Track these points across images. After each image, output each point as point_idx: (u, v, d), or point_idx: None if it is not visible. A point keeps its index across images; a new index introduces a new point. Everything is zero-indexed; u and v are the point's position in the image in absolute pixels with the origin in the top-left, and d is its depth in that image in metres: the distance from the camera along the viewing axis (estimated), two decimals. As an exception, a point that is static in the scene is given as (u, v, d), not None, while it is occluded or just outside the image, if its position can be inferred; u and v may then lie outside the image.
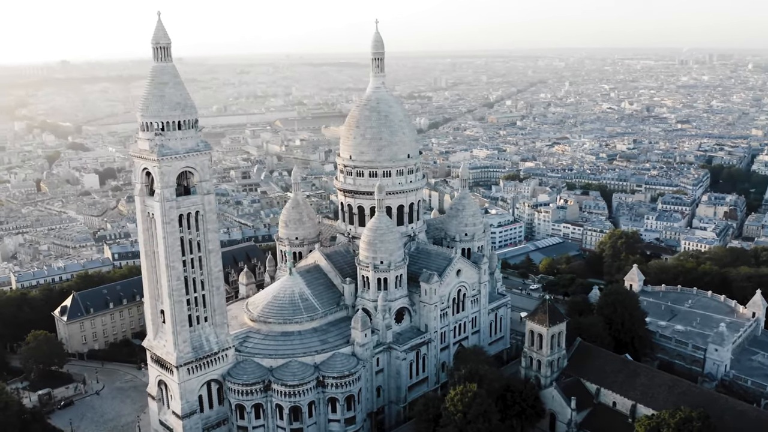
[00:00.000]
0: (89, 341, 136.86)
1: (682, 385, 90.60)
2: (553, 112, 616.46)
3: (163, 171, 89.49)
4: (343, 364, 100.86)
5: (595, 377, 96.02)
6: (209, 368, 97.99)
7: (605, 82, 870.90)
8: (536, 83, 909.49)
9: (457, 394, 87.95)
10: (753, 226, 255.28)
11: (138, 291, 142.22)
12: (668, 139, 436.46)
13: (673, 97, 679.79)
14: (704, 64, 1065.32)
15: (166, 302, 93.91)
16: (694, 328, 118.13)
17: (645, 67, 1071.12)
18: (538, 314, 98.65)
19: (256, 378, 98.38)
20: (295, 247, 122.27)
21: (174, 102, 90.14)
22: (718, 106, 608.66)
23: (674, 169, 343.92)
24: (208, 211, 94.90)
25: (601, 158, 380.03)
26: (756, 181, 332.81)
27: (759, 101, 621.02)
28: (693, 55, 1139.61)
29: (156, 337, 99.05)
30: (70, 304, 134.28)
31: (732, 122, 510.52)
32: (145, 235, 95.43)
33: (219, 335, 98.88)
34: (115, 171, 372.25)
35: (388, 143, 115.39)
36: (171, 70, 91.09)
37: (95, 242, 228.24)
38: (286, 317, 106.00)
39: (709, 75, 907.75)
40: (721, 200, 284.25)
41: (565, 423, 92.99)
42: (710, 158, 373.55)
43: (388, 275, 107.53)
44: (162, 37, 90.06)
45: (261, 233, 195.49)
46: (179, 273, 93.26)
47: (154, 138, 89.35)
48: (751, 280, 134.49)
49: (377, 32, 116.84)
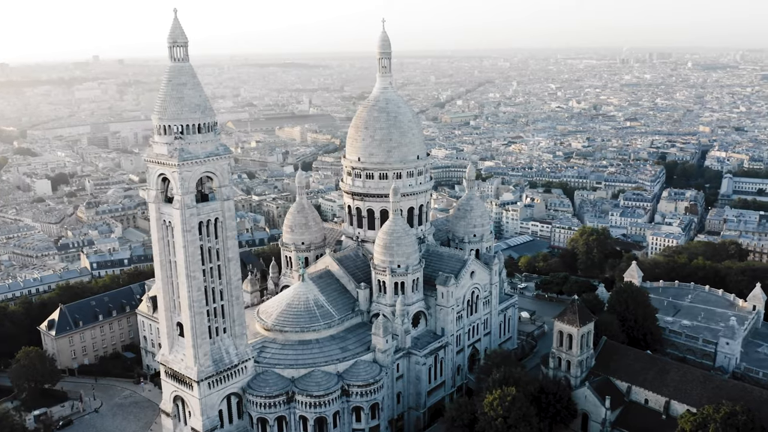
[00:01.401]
0: (78, 356, 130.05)
1: (714, 380, 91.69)
2: (504, 111, 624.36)
3: (183, 177, 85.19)
4: (367, 372, 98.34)
5: (625, 375, 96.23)
6: (229, 381, 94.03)
7: (551, 82, 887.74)
8: (484, 83, 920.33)
9: (496, 399, 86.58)
10: (715, 221, 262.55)
11: (127, 302, 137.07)
12: (619, 137, 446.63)
13: (619, 96, 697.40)
14: (645, 63, 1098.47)
15: (186, 314, 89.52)
16: (700, 323, 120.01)
17: (588, 66, 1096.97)
18: (568, 314, 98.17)
19: (279, 389, 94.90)
20: (301, 252, 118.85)
21: (194, 104, 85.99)
22: (663, 103, 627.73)
23: (631, 166, 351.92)
24: (228, 217, 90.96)
25: (558, 156, 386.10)
26: (709, 176, 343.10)
27: (702, 99, 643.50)
28: (633, 54, 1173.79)
29: (172, 350, 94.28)
30: (58, 318, 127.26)
31: (678, 119, 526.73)
32: (160, 245, 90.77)
33: (238, 347, 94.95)
34: (68, 176, 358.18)
35: (398, 144, 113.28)
36: (189, 70, 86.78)
37: (58, 251, 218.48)
38: (302, 325, 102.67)
39: (650, 73, 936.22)
40: (681, 195, 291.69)
41: (599, 422, 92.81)
42: (663, 155, 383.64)
43: (406, 279, 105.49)
44: (179, 35, 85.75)
45: (245, 238, 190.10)
46: (200, 283, 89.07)
47: (173, 142, 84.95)
48: (745, 274, 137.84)
49: (384, 31, 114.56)
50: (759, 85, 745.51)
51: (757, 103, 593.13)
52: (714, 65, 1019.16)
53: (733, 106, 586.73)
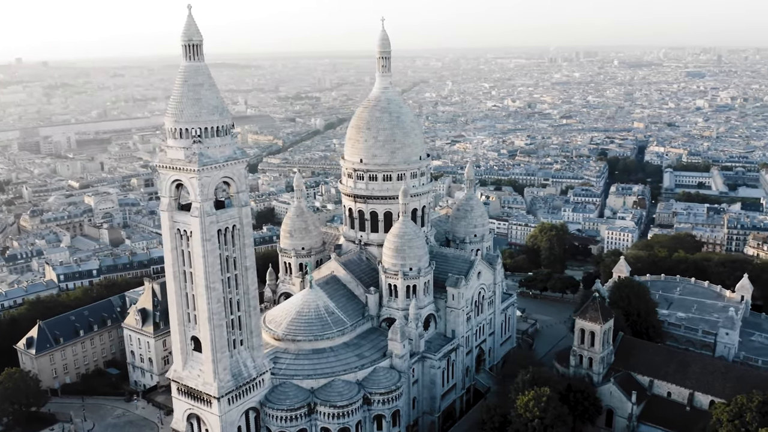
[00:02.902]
0: (60, 375, 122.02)
1: (735, 370, 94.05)
2: (443, 110, 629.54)
3: (203, 182, 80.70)
4: (388, 379, 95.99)
5: (646, 370, 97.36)
6: (248, 396, 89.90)
7: (484, 81, 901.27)
8: (419, 83, 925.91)
9: (531, 399, 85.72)
10: (664, 214, 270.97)
11: (108, 315, 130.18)
12: (558, 134, 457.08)
13: (551, 94, 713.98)
14: (572, 62, 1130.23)
15: (205, 327, 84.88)
16: (694, 315, 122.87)
17: (518, 65, 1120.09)
18: (590, 312, 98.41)
19: (300, 401, 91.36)
20: (301, 257, 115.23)
21: (212, 105, 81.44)
22: (595, 101, 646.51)
23: (575, 162, 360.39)
24: (246, 224, 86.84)
25: (502, 154, 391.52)
26: (650, 171, 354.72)
27: (631, 96, 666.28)
28: (560, 53, 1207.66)
29: (186, 366, 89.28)
30: (37, 335, 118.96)
31: (612, 116, 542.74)
32: (173, 255, 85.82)
33: (256, 359, 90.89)
34: (2, 184, 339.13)
35: (401, 145, 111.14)
36: (205, 70, 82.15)
37: (6, 262, 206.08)
38: (315, 333, 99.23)
39: (579, 72, 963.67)
40: (628, 190, 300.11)
41: (625, 417, 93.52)
42: (603, 151, 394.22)
43: (418, 282, 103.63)
44: (194, 33, 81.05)
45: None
46: (219, 294, 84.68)
47: (190, 146, 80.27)
48: (725, 266, 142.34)
49: (383, 30, 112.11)
50: (684, 81, 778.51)
51: (685, 99, 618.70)
52: (639, 63, 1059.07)
53: (662, 102, 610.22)
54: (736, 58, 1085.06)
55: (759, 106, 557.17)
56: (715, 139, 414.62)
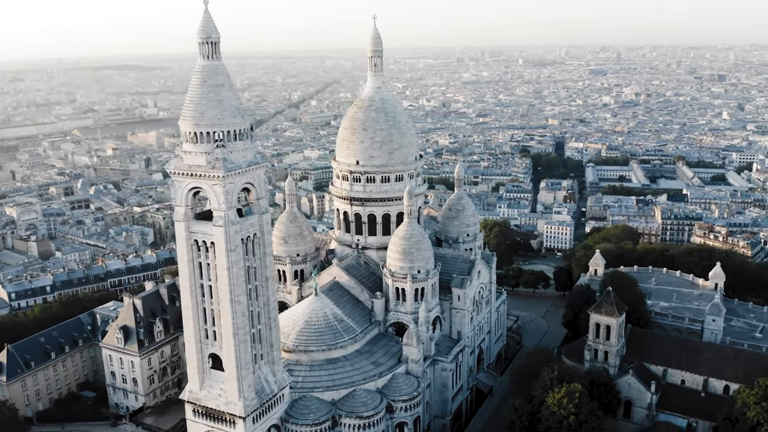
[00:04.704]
0: (32, 402, 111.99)
1: (744, 355, 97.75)
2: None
3: (227, 189, 75.70)
4: (408, 385, 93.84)
5: (658, 360, 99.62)
6: (271, 412, 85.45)
7: (396, 81, 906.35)
8: (331, 83, 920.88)
9: (564, 396, 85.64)
10: (596, 207, 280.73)
11: (79, 335, 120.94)
12: (477, 132, 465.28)
13: (464, 93, 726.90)
14: (479, 61, 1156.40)
15: (229, 343, 79.74)
16: (676, 304, 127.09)
17: (427, 65, 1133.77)
18: (605, 306, 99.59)
19: (324, 414, 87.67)
20: (297, 264, 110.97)
21: (233, 107, 76.48)
22: (506, 99, 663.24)
23: (500, 159, 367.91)
24: (267, 232, 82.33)
25: (428, 153, 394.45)
26: (572, 167, 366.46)
27: (540, 94, 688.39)
28: (467, 53, 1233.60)
29: (203, 386, 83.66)
30: (7, 360, 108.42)
31: (525, 114, 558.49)
32: (190, 268, 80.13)
33: (276, 373, 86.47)
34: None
35: (399, 146, 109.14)
36: (224, 69, 77.08)
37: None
38: (328, 343, 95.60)
39: (487, 71, 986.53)
40: (558, 185, 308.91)
41: (644, 408, 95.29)
42: (524, 148, 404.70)
43: (426, 285, 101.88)
44: (213, 30, 75.79)
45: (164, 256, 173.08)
46: (244, 308, 79.79)
47: (213, 151, 75.10)
48: (692, 255, 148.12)
49: (375, 29, 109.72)
50: (588, 79, 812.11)
51: (591, 96, 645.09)
52: (543, 62, 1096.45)
53: (570, 99, 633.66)
54: (634, 56, 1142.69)
55: (662, 101, 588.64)
56: (627, 133, 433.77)
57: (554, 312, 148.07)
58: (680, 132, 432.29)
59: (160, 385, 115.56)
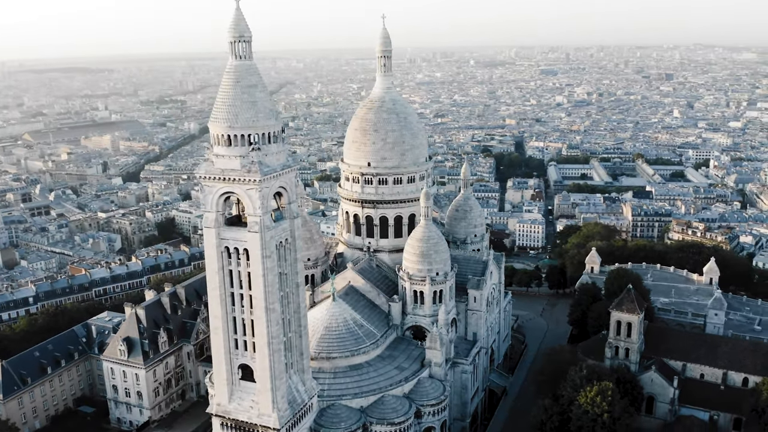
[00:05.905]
0: (29, 419, 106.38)
1: (762, 347, 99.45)
2: (318, 112, 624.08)
3: (263, 194, 73.10)
4: (435, 390, 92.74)
5: (677, 355, 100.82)
6: (302, 423, 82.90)
7: (350, 82, 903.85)
8: (285, 84, 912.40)
9: (597, 395, 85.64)
10: (564, 205, 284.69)
11: (75, 347, 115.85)
12: (436, 132, 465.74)
13: (419, 94, 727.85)
14: (431, 62, 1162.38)
15: (262, 353, 77.00)
16: (675, 299, 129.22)
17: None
18: (626, 304, 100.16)
19: (354, 422, 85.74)
20: (308, 269, 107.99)
21: (268, 109, 73.92)
22: (461, 99, 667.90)
23: (464, 159, 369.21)
24: (297, 237, 79.85)
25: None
26: (534, 165, 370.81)
27: (494, 94, 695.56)
28: (418, 54, 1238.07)
29: (232, 399, 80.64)
30: (2, 377, 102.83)
31: (481, 114, 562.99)
32: (219, 276, 77.08)
33: (305, 382, 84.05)
34: None
35: (411, 146, 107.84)
36: (256, 69, 74.46)
37: None
38: (351, 349, 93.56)
39: (439, 72, 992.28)
40: (525, 184, 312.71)
41: (666, 403, 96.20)
42: (485, 147, 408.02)
43: (444, 287, 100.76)
44: (245, 29, 73.04)
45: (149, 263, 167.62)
46: (278, 316, 77.22)
47: (248, 154, 72.39)
48: (683, 251, 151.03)
49: (384, 29, 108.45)
50: (540, 79, 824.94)
51: (544, 96, 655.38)
52: (494, 62, 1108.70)
53: (524, 99, 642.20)
54: (582, 56, 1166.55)
55: (614, 101, 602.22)
56: (584, 132, 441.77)
57: (551, 310, 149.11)
58: (635, 130, 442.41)
59: (165, 398, 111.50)
